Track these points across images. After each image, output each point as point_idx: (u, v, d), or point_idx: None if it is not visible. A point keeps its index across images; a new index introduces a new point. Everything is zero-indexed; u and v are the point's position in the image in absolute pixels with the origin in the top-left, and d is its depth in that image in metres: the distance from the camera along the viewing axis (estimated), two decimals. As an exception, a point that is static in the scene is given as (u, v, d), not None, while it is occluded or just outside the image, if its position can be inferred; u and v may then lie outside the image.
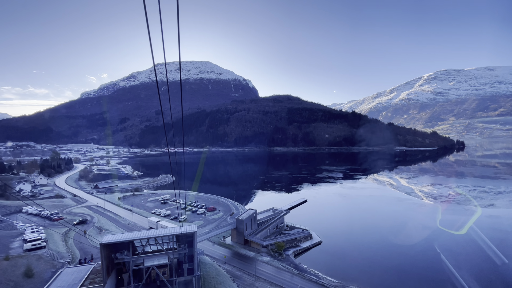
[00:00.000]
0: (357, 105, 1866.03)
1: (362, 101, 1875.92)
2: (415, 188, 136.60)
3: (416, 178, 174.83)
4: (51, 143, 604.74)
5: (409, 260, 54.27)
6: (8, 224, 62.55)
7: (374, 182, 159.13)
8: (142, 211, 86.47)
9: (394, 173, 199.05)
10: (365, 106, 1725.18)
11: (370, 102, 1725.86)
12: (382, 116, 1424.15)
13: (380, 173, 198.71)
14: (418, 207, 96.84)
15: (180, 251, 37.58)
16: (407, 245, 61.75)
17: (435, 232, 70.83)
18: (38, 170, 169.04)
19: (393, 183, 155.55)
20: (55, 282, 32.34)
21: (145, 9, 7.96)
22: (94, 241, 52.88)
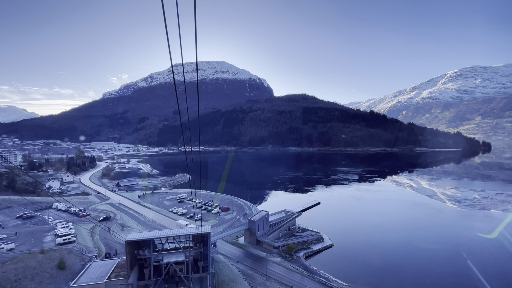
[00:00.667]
0: (375, 104, 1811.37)
1: (381, 100, 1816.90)
2: (437, 191, 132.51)
3: (437, 180, 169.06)
4: (75, 141, 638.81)
5: (428, 267, 53.66)
6: (40, 220, 68.60)
7: (391, 184, 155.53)
8: (160, 209, 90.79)
9: (414, 175, 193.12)
10: (384, 105, 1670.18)
11: (389, 101, 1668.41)
12: (402, 116, 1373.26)
13: (398, 175, 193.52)
14: (437, 211, 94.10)
15: (195, 249, 40.20)
16: (426, 251, 60.86)
17: (459, 237, 69.11)
18: (65, 168, 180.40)
19: (412, 185, 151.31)
20: (85, 274, 35.94)
21: (164, 11, 8.18)
22: (118, 237, 57.01)
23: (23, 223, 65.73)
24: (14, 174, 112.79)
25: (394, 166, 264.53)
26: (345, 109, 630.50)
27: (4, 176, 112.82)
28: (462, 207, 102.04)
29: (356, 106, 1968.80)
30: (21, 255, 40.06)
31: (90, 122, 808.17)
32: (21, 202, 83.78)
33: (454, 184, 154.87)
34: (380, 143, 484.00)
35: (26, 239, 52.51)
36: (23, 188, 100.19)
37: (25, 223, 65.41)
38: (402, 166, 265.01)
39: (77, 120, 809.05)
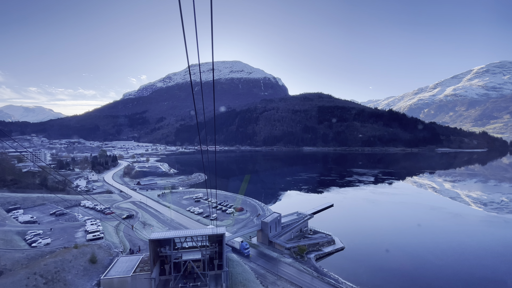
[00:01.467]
0: (395, 102, 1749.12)
1: (401, 98, 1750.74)
2: (458, 194, 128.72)
3: (459, 182, 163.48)
4: (98, 140, 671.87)
5: (444, 275, 53.65)
6: (71, 216, 74.98)
7: (408, 187, 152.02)
8: (178, 208, 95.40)
9: (433, 177, 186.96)
10: (404, 103, 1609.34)
11: (410, 99, 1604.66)
12: (423, 114, 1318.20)
13: (416, 177, 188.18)
14: (455, 215, 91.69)
15: (211, 248, 43.24)
16: (440, 258, 60.44)
17: (479, 242, 67.72)
18: (90, 167, 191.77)
19: (431, 188, 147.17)
20: (114, 268, 40.01)
21: (181, 13, 8.33)
22: (140, 235, 61.55)
23: (56, 219, 72.34)
24: (46, 173, 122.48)
25: (413, 168, 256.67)
26: (362, 108, 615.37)
27: (37, 175, 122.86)
28: (489, 211, 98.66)
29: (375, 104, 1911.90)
30: (57, 249, 44.99)
31: (111, 122, 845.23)
32: (53, 199, 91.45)
33: (477, 186, 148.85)
34: (399, 143, 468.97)
35: (60, 234, 58.19)
36: (54, 186, 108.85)
37: (58, 220, 71.94)
38: (421, 167, 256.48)
39: (100, 120, 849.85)
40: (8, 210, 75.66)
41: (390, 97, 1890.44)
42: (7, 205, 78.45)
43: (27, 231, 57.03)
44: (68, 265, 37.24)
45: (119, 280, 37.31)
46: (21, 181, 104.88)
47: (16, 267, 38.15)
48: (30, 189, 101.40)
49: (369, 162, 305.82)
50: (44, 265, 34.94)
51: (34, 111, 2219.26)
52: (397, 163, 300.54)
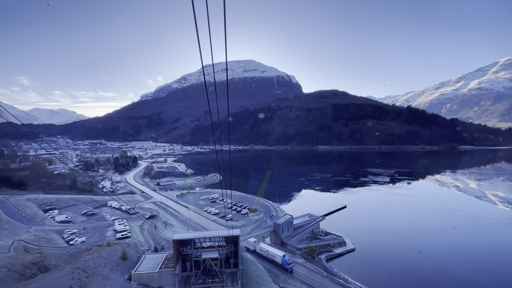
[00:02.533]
0: (415, 97, 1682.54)
1: (421, 93, 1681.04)
2: (479, 195, 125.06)
3: (481, 182, 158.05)
4: (118, 140, 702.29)
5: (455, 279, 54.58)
6: (100, 216, 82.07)
7: (425, 188, 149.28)
8: (196, 209, 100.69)
9: (453, 176, 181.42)
10: (424, 98, 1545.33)
11: (431, 94, 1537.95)
12: (445, 109, 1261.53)
13: (435, 177, 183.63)
14: (472, 218, 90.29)
15: (227, 248, 47.15)
16: (453, 262, 61.07)
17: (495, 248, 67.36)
18: (113, 168, 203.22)
19: (449, 188, 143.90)
20: (142, 264, 45.01)
21: (195, 15, 8.52)
22: (162, 234, 66.92)
23: (87, 219, 79.60)
24: (75, 175, 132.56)
25: (432, 166, 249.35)
26: (379, 105, 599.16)
27: (67, 177, 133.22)
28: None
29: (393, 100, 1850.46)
30: (92, 247, 50.81)
31: (130, 123, 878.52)
32: (83, 200, 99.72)
33: (500, 186, 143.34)
34: (418, 140, 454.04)
35: (92, 233, 64.64)
36: (83, 187, 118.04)
37: (89, 219, 79.15)
38: (441, 166, 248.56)
39: (119, 121, 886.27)
40: (45, 210, 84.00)
41: (409, 92, 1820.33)
42: (44, 206, 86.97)
43: (64, 230, 63.93)
44: (103, 261, 42.56)
45: (147, 275, 42.17)
46: (54, 183, 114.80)
47: (60, 262, 44.04)
48: (62, 190, 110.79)
49: (386, 161, 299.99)
50: (85, 261, 40.35)
51: (59, 114, 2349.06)
52: (415, 161, 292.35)
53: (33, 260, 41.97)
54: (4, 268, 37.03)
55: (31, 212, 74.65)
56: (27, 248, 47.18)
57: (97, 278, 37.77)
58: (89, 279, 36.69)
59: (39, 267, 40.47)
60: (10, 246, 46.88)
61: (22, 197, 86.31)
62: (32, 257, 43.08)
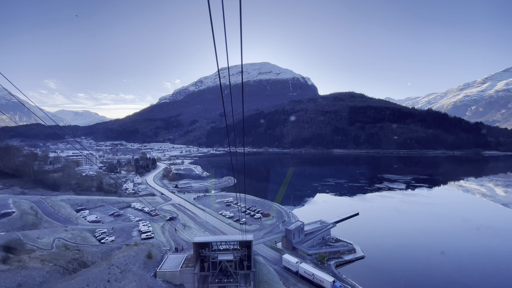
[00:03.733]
0: (437, 99, 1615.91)
1: (444, 94, 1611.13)
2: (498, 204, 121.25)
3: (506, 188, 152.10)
4: (137, 142, 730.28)
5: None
6: (126, 217, 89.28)
7: (442, 196, 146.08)
8: (212, 211, 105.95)
9: (475, 183, 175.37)
10: (447, 100, 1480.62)
11: (454, 95, 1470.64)
12: (470, 112, 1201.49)
13: (455, 184, 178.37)
14: (488, 229, 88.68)
15: (241, 252, 51.34)
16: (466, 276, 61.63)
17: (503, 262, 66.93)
18: (134, 170, 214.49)
19: (467, 197, 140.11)
20: (165, 263, 50.25)
21: (211, 18, 8.71)
22: (182, 236, 72.40)
23: (115, 219, 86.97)
24: (101, 177, 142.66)
25: (452, 173, 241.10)
26: (398, 108, 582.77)
27: (94, 178, 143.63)
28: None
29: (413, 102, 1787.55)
30: (121, 246, 56.85)
31: (149, 125, 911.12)
32: (109, 201, 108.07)
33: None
34: (439, 145, 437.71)
35: (120, 233, 71.28)
36: (108, 189, 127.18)
37: (116, 220, 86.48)
38: (462, 172, 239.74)
39: (139, 123, 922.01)
40: (77, 210, 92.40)
41: (431, 94, 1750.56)
42: (76, 206, 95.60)
43: (95, 229, 70.95)
44: (133, 259, 48.14)
45: (170, 273, 47.26)
46: (83, 184, 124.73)
47: (95, 259, 50.21)
48: (90, 191, 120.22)
49: (404, 166, 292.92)
50: (117, 258, 46.04)
51: (82, 115, 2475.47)
52: (435, 167, 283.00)
53: (73, 256, 48.35)
54: (50, 263, 43.39)
55: (65, 212, 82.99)
56: (66, 246, 53.94)
57: (128, 274, 43.21)
58: (122, 275, 42.15)
59: (79, 262, 46.68)
60: (52, 243, 53.76)
61: (57, 198, 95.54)
62: (72, 254, 49.53)
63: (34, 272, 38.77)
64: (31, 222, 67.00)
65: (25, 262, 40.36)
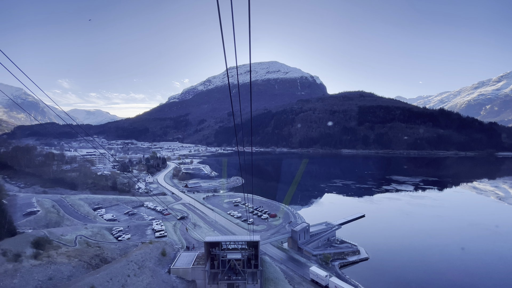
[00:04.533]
0: (449, 98, 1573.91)
1: (458, 93, 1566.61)
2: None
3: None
4: (147, 141, 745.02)
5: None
6: (140, 216, 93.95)
7: (450, 199, 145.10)
8: (220, 211, 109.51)
9: (486, 185, 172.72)
10: (461, 98, 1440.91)
11: (468, 94, 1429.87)
12: (485, 111, 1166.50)
13: (465, 186, 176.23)
14: (493, 233, 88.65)
15: (249, 251, 54.39)
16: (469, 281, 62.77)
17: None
18: (146, 169, 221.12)
19: (477, 199, 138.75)
20: (178, 260, 53.89)
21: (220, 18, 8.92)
22: (193, 234, 76.16)
23: (129, 218, 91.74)
24: (115, 176, 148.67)
25: (463, 174, 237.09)
26: (408, 107, 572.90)
27: (108, 178, 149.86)
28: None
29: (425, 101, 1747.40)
30: (137, 244, 60.93)
31: (158, 124, 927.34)
32: (123, 200, 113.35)
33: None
34: (451, 146, 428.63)
35: (135, 231, 75.69)
36: (122, 188, 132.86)
37: (130, 218, 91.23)
38: (474, 174, 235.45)
39: (149, 123, 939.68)
40: (94, 209, 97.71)
41: (444, 93, 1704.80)
42: (93, 205, 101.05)
43: (112, 227, 75.59)
44: (148, 256, 51.98)
45: (183, 269, 50.86)
46: (98, 183, 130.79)
47: (114, 255, 54.35)
48: (105, 190, 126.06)
49: (415, 167, 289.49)
50: (135, 255, 49.93)
51: (94, 114, 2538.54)
52: (446, 168, 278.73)
53: (95, 252, 52.59)
54: (75, 259, 47.62)
55: (84, 211, 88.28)
56: (88, 242, 58.40)
57: (145, 270, 46.98)
58: (140, 270, 45.93)
59: (100, 258, 50.83)
60: (75, 240, 58.34)
61: (76, 197, 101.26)
62: (94, 250, 53.82)
63: (62, 266, 42.97)
64: (55, 220, 72.21)
65: (53, 257, 44.67)
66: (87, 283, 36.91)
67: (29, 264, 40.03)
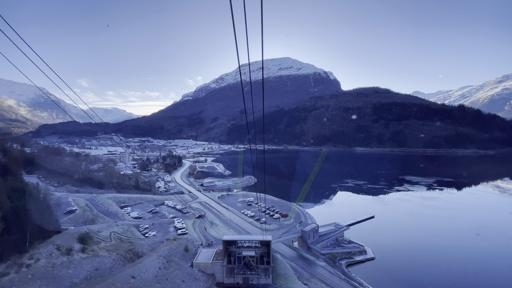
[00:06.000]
0: (472, 93, 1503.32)
1: (480, 87, 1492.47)
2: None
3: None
4: (163, 138, 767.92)
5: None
6: (162, 214, 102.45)
7: (463, 201, 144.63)
8: (234, 210, 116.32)
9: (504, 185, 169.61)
10: (484, 93, 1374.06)
11: (491, 88, 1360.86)
12: (509, 106, 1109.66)
13: (481, 187, 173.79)
14: (502, 236, 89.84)
15: (262, 249, 60.54)
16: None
17: None
18: (163, 168, 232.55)
19: (493, 201, 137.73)
20: (199, 256, 60.94)
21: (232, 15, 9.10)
22: (210, 232, 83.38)
23: (153, 216, 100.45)
24: (137, 175, 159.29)
25: (481, 174, 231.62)
26: (425, 104, 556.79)
27: (131, 177, 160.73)
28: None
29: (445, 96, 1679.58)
30: (162, 240, 68.57)
31: (173, 122, 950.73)
32: (146, 199, 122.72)
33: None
34: (470, 144, 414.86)
35: (159, 228, 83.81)
36: (144, 187, 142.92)
37: (154, 216, 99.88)
38: (493, 174, 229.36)
39: (164, 121, 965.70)
40: (121, 207, 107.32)
41: (465, 87, 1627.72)
42: (119, 203, 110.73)
43: (139, 224, 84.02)
44: (174, 251, 59.32)
45: (204, 264, 57.84)
46: (122, 183, 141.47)
47: (145, 250, 62.15)
48: (129, 189, 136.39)
49: (431, 166, 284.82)
50: (163, 250, 57.38)
51: (112, 112, 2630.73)
52: (464, 168, 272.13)
53: (128, 247, 60.58)
54: (114, 253, 55.61)
55: (113, 209, 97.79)
56: (121, 238, 66.67)
57: (172, 263, 54.26)
58: (169, 264, 53.23)
59: (133, 253, 58.71)
60: (110, 236, 66.68)
61: (104, 196, 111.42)
62: (127, 245, 61.86)
63: (104, 259, 50.93)
64: (90, 218, 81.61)
65: (96, 251, 52.77)
66: (128, 273, 44.38)
67: (79, 257, 48.14)
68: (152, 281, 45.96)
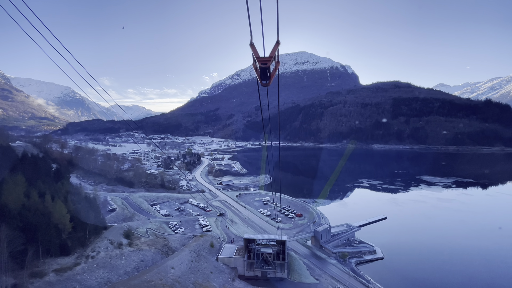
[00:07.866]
0: (502, 85, 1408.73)
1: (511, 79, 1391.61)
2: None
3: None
4: (181, 135, 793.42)
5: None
6: (187, 212, 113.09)
7: (481, 203, 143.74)
8: (252, 209, 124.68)
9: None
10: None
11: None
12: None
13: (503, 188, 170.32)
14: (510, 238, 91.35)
15: (277, 247, 68.47)
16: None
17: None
18: (184, 166, 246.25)
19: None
20: (223, 251, 70.01)
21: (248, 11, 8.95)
22: (231, 230, 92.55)
23: (180, 214, 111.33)
24: (162, 174, 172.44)
25: (507, 174, 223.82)
26: (449, 99, 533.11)
27: (157, 176, 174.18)
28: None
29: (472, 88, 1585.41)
30: (191, 236, 78.35)
31: (191, 119, 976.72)
32: (172, 197, 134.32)
33: None
34: (497, 141, 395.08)
35: (186, 225, 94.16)
36: (169, 186, 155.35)
37: (181, 214, 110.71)
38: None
39: (182, 118, 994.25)
40: (151, 205, 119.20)
41: (495, 78, 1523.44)
42: (149, 201, 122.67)
43: (169, 221, 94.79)
44: (202, 247, 68.76)
45: (228, 258, 66.89)
46: (150, 182, 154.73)
47: (177, 245, 72.14)
48: (156, 188, 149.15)
49: (453, 164, 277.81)
50: (193, 246, 66.91)
51: (132, 109, 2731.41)
52: (488, 166, 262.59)
53: (163, 242, 70.83)
54: (153, 247, 65.90)
55: (145, 207, 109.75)
56: (156, 234, 77.24)
57: (201, 257, 63.64)
58: (198, 257, 62.64)
59: (168, 247, 68.84)
60: (146, 232, 77.41)
61: (136, 194, 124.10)
62: (162, 240, 72.17)
63: (146, 252, 61.17)
64: (128, 216, 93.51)
65: (139, 246, 63.18)
66: (168, 264, 54.07)
67: (127, 250, 58.58)
68: (187, 272, 55.38)
